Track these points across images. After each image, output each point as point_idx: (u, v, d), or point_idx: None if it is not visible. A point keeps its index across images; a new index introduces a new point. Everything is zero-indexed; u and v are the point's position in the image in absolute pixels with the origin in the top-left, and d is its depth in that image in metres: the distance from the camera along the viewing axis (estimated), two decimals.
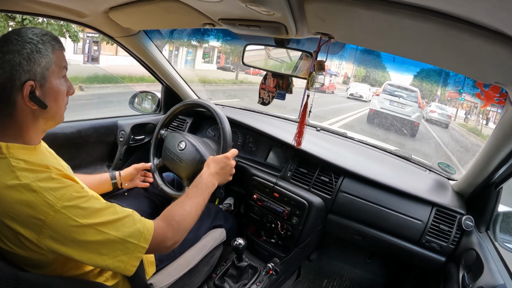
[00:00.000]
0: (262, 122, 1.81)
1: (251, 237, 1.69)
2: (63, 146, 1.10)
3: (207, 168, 1.20)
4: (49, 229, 0.73)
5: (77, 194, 0.78)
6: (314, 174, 1.52)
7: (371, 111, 9.39)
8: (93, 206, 0.79)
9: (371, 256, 1.90)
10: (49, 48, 0.79)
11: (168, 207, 1.01)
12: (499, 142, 1.02)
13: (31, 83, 0.76)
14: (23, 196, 0.72)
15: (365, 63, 23.35)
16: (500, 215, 1.20)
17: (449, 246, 1.28)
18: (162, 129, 1.56)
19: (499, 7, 0.54)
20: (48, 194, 0.73)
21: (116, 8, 1.18)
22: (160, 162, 1.51)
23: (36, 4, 1.13)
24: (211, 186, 1.15)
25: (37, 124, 0.83)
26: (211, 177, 1.17)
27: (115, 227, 0.80)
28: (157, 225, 0.89)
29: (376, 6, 0.68)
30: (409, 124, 8.47)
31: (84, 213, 0.77)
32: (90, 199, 0.80)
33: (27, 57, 0.75)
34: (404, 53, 0.92)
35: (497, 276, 1.00)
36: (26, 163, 0.77)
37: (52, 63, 0.80)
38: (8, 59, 0.74)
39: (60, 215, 0.73)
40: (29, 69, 0.76)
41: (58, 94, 0.83)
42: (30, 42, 0.76)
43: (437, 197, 1.35)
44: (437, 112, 11.73)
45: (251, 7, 0.82)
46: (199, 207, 1.05)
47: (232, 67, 20.26)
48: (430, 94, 21.00)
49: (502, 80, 0.84)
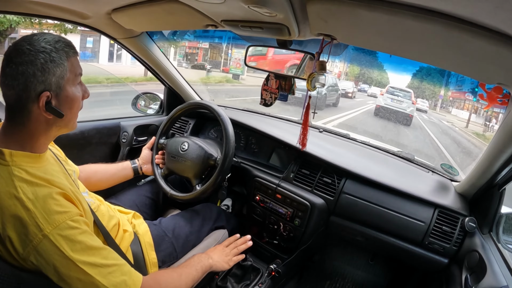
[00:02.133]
0: (265, 123, 1.81)
1: (253, 238, 1.68)
2: (66, 147, 1.10)
3: (204, 253, 1.21)
4: (34, 250, 0.71)
5: (72, 224, 0.75)
6: (316, 175, 1.52)
7: (377, 106, 11.97)
8: (85, 242, 0.76)
9: (373, 258, 1.89)
10: (63, 56, 0.78)
11: (161, 270, 1.03)
12: (502, 143, 1.01)
13: (47, 94, 0.75)
14: (17, 210, 0.71)
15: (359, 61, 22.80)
16: (503, 216, 1.20)
17: (451, 247, 1.28)
18: (162, 138, 1.57)
19: (501, 8, 0.54)
20: (41, 216, 0.71)
21: (119, 10, 1.19)
22: (165, 170, 1.51)
23: (39, 6, 1.13)
24: (204, 260, 1.14)
25: (50, 132, 0.82)
26: (207, 255, 1.18)
27: (102, 273, 0.76)
28: (145, 282, 0.86)
29: (379, 7, 0.68)
30: (405, 116, 11.29)
31: (74, 247, 0.74)
32: (84, 232, 0.78)
33: (41, 67, 0.74)
34: (406, 54, 0.92)
35: (500, 278, 0.99)
36: (27, 174, 0.75)
37: (67, 71, 0.79)
38: (21, 70, 0.73)
39: (47, 241, 0.71)
40: (44, 80, 0.75)
41: (73, 102, 0.83)
42: (43, 52, 0.75)
43: (439, 199, 1.34)
44: (419, 104, 15.73)
45: (253, 8, 0.83)
46: (189, 277, 1.03)
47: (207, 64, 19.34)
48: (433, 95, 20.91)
49: (504, 81, 0.84)
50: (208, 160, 1.44)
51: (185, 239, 1.28)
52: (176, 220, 1.33)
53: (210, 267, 1.15)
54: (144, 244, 1.16)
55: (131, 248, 1.10)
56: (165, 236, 1.23)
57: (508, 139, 0.98)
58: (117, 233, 1.09)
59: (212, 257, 1.18)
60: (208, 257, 1.17)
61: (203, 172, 1.46)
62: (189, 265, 1.07)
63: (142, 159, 1.52)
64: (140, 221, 1.25)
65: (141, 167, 1.50)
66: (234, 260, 1.26)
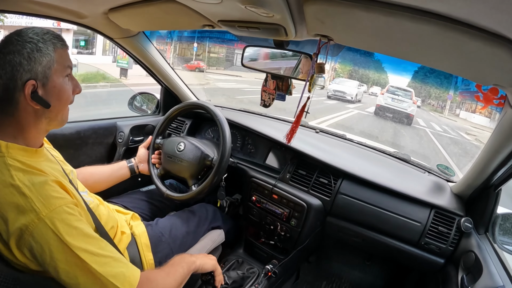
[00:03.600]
0: (261, 123, 1.81)
1: (250, 239, 1.68)
2: (62, 147, 1.10)
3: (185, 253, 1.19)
4: (30, 236, 0.70)
5: (67, 209, 0.75)
6: (313, 176, 1.52)
7: (378, 106, 12.13)
8: (82, 229, 0.76)
9: (370, 258, 1.89)
10: (50, 46, 0.78)
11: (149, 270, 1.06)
12: (498, 144, 1.02)
13: (33, 82, 0.76)
14: (14, 197, 0.71)
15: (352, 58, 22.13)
16: (499, 217, 1.20)
17: (448, 248, 1.28)
18: (158, 138, 1.57)
19: (497, 9, 0.54)
20: (37, 200, 0.71)
21: (116, 9, 1.18)
22: (161, 170, 1.51)
23: (36, 5, 1.13)
24: (186, 258, 1.08)
25: (40, 124, 0.82)
26: (188, 254, 1.14)
27: (98, 261, 0.75)
28: (143, 275, 0.84)
29: (376, 8, 0.68)
30: (406, 115, 11.38)
31: (70, 232, 0.73)
32: (80, 220, 0.77)
33: (27, 56, 0.75)
34: (403, 55, 0.92)
35: (496, 278, 0.99)
36: (22, 164, 0.76)
37: (54, 62, 0.79)
38: (8, 59, 0.74)
39: (42, 224, 0.71)
40: (30, 69, 0.75)
41: (61, 93, 0.83)
42: (30, 42, 0.76)
43: (436, 199, 1.35)
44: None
45: (250, 8, 0.82)
46: (177, 274, 0.98)
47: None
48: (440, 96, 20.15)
49: (501, 82, 0.85)
50: (204, 161, 1.44)
51: (181, 239, 1.28)
52: (173, 221, 1.33)
53: (194, 263, 1.09)
54: (141, 245, 1.15)
55: (127, 250, 1.10)
56: (161, 237, 1.23)
57: (504, 140, 0.98)
58: (115, 235, 1.08)
59: (196, 256, 1.14)
60: (190, 255, 1.12)
61: (199, 173, 1.46)
62: (174, 263, 1.03)
63: (138, 158, 1.52)
64: (138, 222, 1.24)
65: (137, 166, 1.49)
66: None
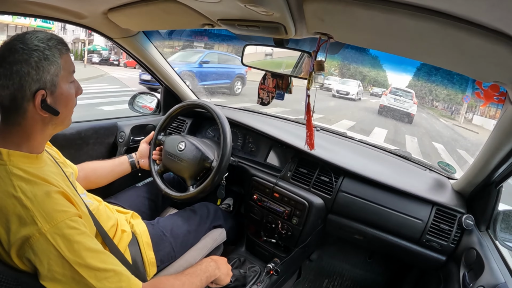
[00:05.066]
0: (262, 122, 1.81)
1: (251, 237, 1.68)
2: (63, 147, 1.10)
3: (213, 260, 1.17)
4: (30, 248, 0.70)
5: (70, 223, 0.75)
6: (314, 174, 1.52)
7: (381, 106, 12.82)
8: (83, 243, 0.75)
9: (371, 256, 1.89)
10: (56, 53, 0.78)
11: (162, 277, 1.00)
12: (498, 141, 1.02)
13: (42, 92, 0.75)
14: (16, 209, 0.70)
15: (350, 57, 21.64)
16: (500, 214, 1.20)
17: (449, 245, 1.28)
18: (160, 134, 1.57)
19: (498, 6, 0.54)
20: (39, 214, 0.71)
21: (115, 9, 1.18)
22: (161, 167, 1.51)
23: (35, 6, 1.13)
24: (211, 270, 1.11)
25: (46, 130, 0.82)
26: (216, 264, 1.15)
27: (97, 276, 0.75)
28: (150, 283, 0.84)
29: (375, 5, 0.67)
30: (408, 115, 12.08)
31: (71, 247, 0.73)
32: (83, 234, 0.77)
33: (35, 66, 0.74)
34: (403, 52, 0.92)
35: (498, 275, 0.99)
36: (25, 172, 0.75)
37: (61, 69, 0.79)
38: (16, 69, 0.72)
39: (43, 239, 0.70)
40: (38, 78, 0.74)
41: (68, 99, 0.83)
42: (36, 50, 0.74)
43: (437, 196, 1.35)
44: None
45: (250, 7, 0.82)
46: (192, 286, 1.00)
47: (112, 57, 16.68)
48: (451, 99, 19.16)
49: (501, 79, 0.84)
50: (204, 163, 1.44)
51: (183, 238, 1.28)
52: (174, 220, 1.33)
53: (214, 278, 1.12)
54: (142, 244, 1.16)
55: (129, 248, 1.10)
56: (163, 236, 1.23)
57: (505, 137, 0.98)
58: (115, 234, 1.09)
59: (220, 268, 1.16)
60: (216, 267, 1.14)
61: (198, 174, 1.47)
62: (195, 273, 1.04)
63: (139, 153, 1.52)
64: (138, 221, 1.24)
65: (138, 161, 1.49)
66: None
